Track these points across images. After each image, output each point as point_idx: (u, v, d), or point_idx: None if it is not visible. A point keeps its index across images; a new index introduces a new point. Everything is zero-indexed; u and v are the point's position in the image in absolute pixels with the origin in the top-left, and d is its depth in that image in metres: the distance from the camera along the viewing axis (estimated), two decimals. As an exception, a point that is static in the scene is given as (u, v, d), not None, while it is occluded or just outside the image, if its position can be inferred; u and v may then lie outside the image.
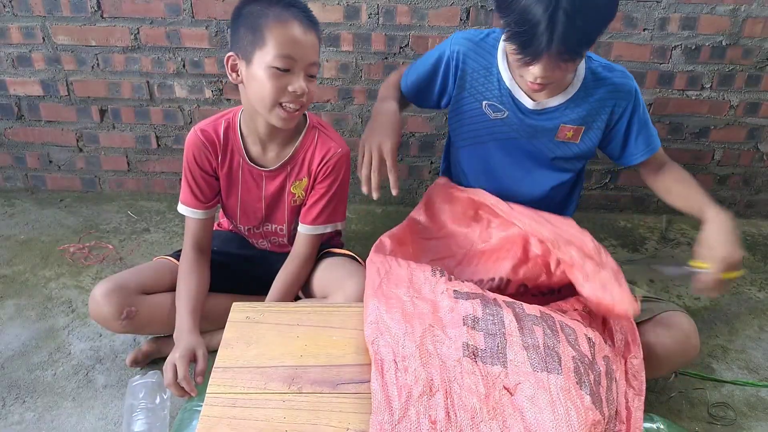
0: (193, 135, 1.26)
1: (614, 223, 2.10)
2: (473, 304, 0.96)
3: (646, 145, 1.28)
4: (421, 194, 2.14)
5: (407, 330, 0.91)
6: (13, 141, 2.08)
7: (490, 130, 1.28)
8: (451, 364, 0.86)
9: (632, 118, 1.25)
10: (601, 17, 1.03)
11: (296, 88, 1.12)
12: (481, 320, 0.93)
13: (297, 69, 1.12)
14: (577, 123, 1.23)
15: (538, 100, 1.21)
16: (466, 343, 0.89)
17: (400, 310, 0.95)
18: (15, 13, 1.86)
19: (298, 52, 1.10)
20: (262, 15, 1.10)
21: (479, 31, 1.28)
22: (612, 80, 1.22)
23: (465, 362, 0.86)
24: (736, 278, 1.09)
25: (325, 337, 1.01)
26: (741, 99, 1.96)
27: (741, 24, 1.83)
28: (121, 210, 2.05)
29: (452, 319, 0.94)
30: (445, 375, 0.85)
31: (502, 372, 0.85)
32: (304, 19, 1.12)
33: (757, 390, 1.33)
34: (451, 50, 1.26)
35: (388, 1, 1.81)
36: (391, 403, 0.82)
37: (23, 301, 1.55)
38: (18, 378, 1.30)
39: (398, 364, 0.87)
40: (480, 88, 1.25)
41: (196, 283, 1.26)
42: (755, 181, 2.12)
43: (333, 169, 1.28)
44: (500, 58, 1.22)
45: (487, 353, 0.88)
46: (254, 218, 1.38)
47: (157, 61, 1.93)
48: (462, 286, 1.03)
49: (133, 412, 1.11)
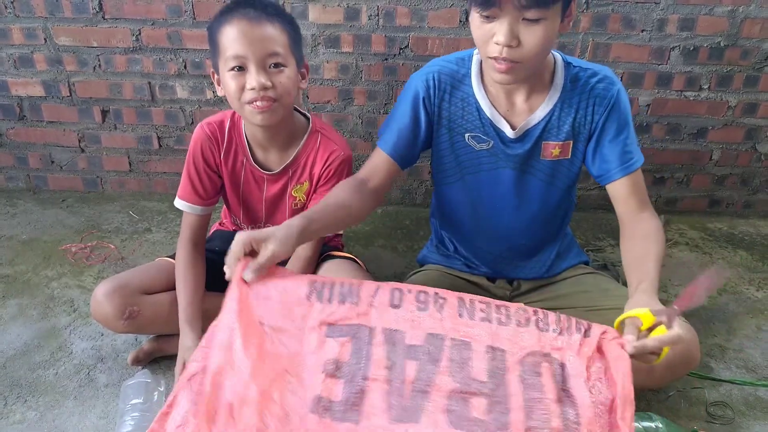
0: (199, 129, 1.29)
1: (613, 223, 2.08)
2: (342, 344, 0.86)
3: (621, 156, 1.13)
4: (420, 194, 2.15)
5: (256, 372, 0.81)
6: (15, 141, 2.09)
7: (477, 161, 1.21)
8: (294, 419, 0.78)
9: (606, 123, 1.14)
10: None
11: (252, 84, 1.12)
12: (345, 365, 0.83)
13: (250, 65, 1.12)
14: (562, 138, 1.16)
15: (505, 83, 1.08)
16: (319, 397, 0.80)
17: (257, 346, 0.84)
18: (17, 14, 1.87)
19: (245, 48, 1.10)
20: (215, 24, 1.15)
21: (446, 59, 1.19)
22: (592, 85, 1.13)
23: (310, 419, 0.78)
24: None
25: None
26: (739, 99, 1.97)
27: (739, 25, 1.84)
28: (122, 210, 2.06)
29: (313, 363, 0.84)
30: (284, 430, 0.77)
31: (351, 428, 0.77)
32: (252, 13, 1.11)
33: (755, 389, 1.33)
34: (423, 86, 1.17)
35: (388, 3, 1.82)
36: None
37: (25, 300, 1.56)
38: (20, 377, 1.30)
39: (234, 409, 0.78)
40: (459, 121, 1.18)
41: (197, 279, 1.28)
42: (753, 181, 2.13)
43: (335, 171, 1.29)
44: (475, 86, 1.16)
45: (339, 407, 0.80)
46: (255, 219, 1.39)
47: (158, 62, 1.93)
48: (341, 314, 0.89)
49: (123, 416, 1.12)
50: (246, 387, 0.79)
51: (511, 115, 1.16)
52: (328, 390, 0.81)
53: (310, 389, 0.81)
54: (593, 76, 1.14)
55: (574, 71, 1.14)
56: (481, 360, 0.84)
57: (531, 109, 1.15)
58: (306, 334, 0.87)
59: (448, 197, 1.30)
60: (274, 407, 0.79)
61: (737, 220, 2.16)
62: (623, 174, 1.14)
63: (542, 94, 1.14)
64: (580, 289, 1.29)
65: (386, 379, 0.82)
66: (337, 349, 0.85)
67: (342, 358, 0.85)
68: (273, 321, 0.88)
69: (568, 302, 1.25)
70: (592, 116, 1.15)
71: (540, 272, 1.33)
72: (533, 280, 1.34)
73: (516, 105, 1.15)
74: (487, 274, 1.35)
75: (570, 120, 1.15)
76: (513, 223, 1.26)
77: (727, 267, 1.83)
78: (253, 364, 0.81)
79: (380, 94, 1.96)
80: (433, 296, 0.92)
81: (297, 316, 0.89)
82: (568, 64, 1.15)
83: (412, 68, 1.91)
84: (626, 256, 1.11)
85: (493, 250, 1.32)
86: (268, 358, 0.83)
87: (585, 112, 1.15)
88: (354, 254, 1.42)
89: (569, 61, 1.15)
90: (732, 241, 2.01)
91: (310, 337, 0.87)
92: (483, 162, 1.21)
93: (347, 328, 0.88)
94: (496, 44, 0.99)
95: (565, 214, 1.34)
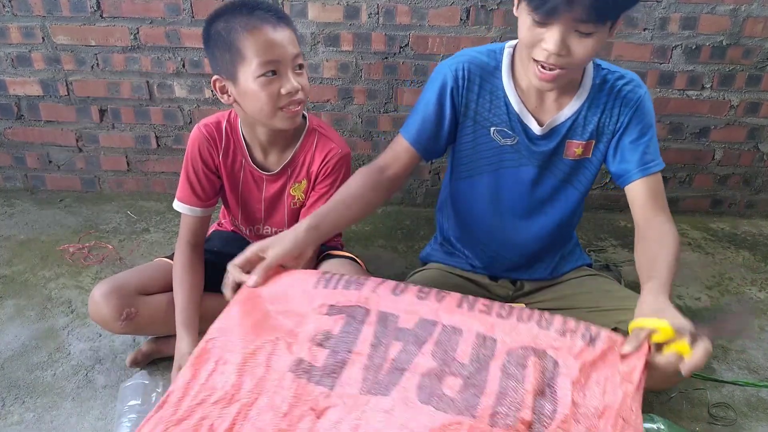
0: (196, 131, 1.27)
1: (614, 223, 2.10)
2: (336, 320, 0.89)
3: (641, 157, 1.13)
4: (421, 194, 2.14)
5: (248, 338, 0.86)
6: (13, 141, 2.08)
7: (499, 158, 1.19)
8: (272, 377, 0.81)
9: (629, 124, 1.14)
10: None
11: (289, 88, 1.11)
12: (333, 338, 0.86)
13: (283, 69, 1.11)
14: (586, 138, 1.16)
15: (545, 89, 1.09)
16: (301, 359, 0.83)
17: (255, 321, 0.89)
18: (14, 12, 1.86)
19: (277, 52, 1.10)
20: (230, 30, 1.10)
21: (477, 50, 1.17)
22: (619, 87, 1.14)
23: (287, 377, 0.81)
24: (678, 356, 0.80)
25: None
26: (741, 99, 1.96)
27: (741, 24, 1.83)
28: (120, 210, 2.05)
29: (306, 335, 0.87)
30: (260, 387, 0.80)
31: (322, 393, 0.79)
32: (272, 18, 1.11)
33: (757, 390, 1.33)
34: (452, 76, 1.15)
35: (388, 1, 1.81)
36: (182, 402, 0.78)
37: (23, 301, 1.55)
38: (17, 378, 1.29)
39: (217, 367, 0.82)
40: (486, 114, 1.16)
41: (195, 282, 1.27)
42: (755, 181, 2.12)
43: (333, 169, 1.28)
44: (506, 80, 1.14)
45: (318, 372, 0.82)
46: (254, 219, 1.38)
47: (156, 61, 1.92)
48: (343, 297, 0.92)
49: (120, 417, 1.12)
50: (230, 351, 0.84)
51: (539, 112, 1.16)
52: (312, 356, 0.84)
53: (296, 354, 0.84)
54: (620, 78, 1.15)
55: (603, 73, 1.15)
56: (468, 345, 0.85)
57: (559, 107, 1.15)
58: (308, 314, 0.90)
59: (465, 192, 1.28)
60: (258, 368, 0.82)
61: (740, 220, 2.15)
62: (642, 175, 1.13)
63: (571, 93, 1.14)
64: (582, 291, 1.28)
65: (368, 355, 0.84)
66: (330, 324, 0.88)
67: (333, 331, 0.87)
68: (279, 306, 0.92)
69: (570, 303, 1.24)
70: (618, 117, 1.15)
71: (544, 274, 1.33)
72: (536, 281, 1.33)
73: (545, 102, 1.15)
74: (491, 274, 1.35)
75: (595, 120, 1.15)
76: (526, 224, 1.25)
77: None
78: (245, 331, 0.86)
79: (380, 93, 1.96)
80: (436, 292, 0.93)
81: (303, 302, 0.92)
82: (597, 65, 1.16)
83: (413, 67, 1.90)
84: (638, 258, 1.06)
85: (501, 250, 1.30)
86: (264, 330, 0.87)
87: (611, 113, 1.15)
88: (354, 254, 1.41)
89: (598, 63, 1.16)
90: (734, 241, 2.00)
91: (310, 316, 0.90)
92: (505, 158, 1.20)
93: (346, 309, 0.91)
94: (545, 50, 0.98)
95: (576, 218, 1.33)
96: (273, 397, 0.78)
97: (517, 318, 0.88)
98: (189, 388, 0.80)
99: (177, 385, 0.81)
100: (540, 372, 0.81)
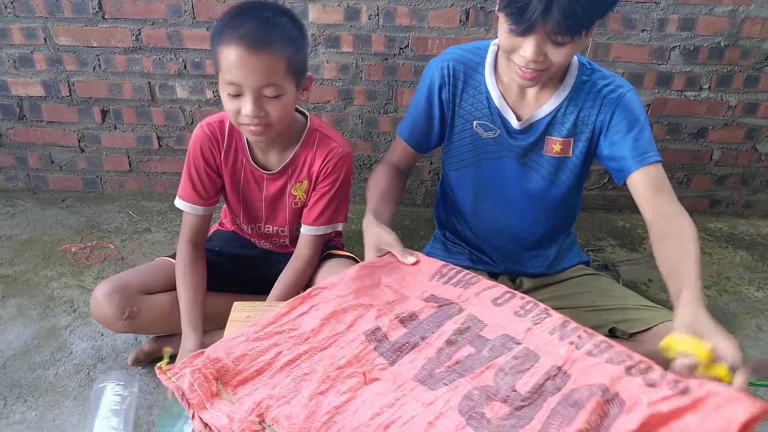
0: (199, 129, 1.28)
1: (613, 223, 2.11)
2: (428, 307, 0.92)
3: (634, 149, 1.11)
4: (420, 194, 2.15)
5: (347, 297, 0.94)
6: (15, 141, 2.09)
7: (483, 149, 1.23)
8: (349, 336, 0.87)
9: (612, 120, 1.14)
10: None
11: (247, 111, 1.09)
12: (416, 321, 0.89)
13: (246, 92, 1.08)
14: (563, 135, 1.17)
15: (526, 87, 1.12)
16: (378, 328, 0.87)
17: (360, 286, 0.97)
18: (17, 14, 1.87)
19: (241, 77, 1.06)
20: (217, 35, 1.09)
21: (463, 47, 1.21)
22: (600, 87, 1.15)
23: (359, 339, 0.86)
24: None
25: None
26: (739, 99, 1.97)
27: (739, 25, 1.84)
28: (122, 210, 2.06)
29: (396, 310, 0.92)
30: (334, 339, 0.86)
31: (380, 365, 0.82)
32: (254, 40, 1.05)
33: (755, 389, 1.33)
34: (439, 74, 1.20)
35: (388, 3, 1.82)
36: (267, 327, 0.86)
37: (25, 300, 1.56)
38: (20, 377, 1.30)
39: (310, 311, 0.90)
40: (470, 108, 1.21)
41: (198, 280, 1.28)
42: (753, 181, 2.13)
43: (334, 168, 1.29)
44: (488, 75, 1.18)
45: (387, 345, 0.85)
46: (255, 218, 1.39)
47: (158, 62, 1.93)
48: (447, 291, 0.96)
49: (93, 419, 1.10)
50: (329, 300, 0.92)
51: (519, 107, 1.18)
52: (390, 329, 0.88)
53: (378, 323, 0.89)
54: (602, 78, 1.16)
55: (587, 72, 1.16)
56: (537, 376, 0.78)
57: (539, 103, 1.17)
58: (410, 298, 0.96)
59: (454, 183, 1.33)
60: (340, 325, 0.88)
61: (738, 220, 2.16)
62: (639, 165, 1.10)
63: (552, 89, 1.16)
64: (581, 290, 1.29)
65: (438, 349, 0.85)
66: (420, 308, 0.92)
67: (419, 315, 0.91)
68: (393, 282, 0.99)
69: (569, 302, 1.25)
70: (596, 116, 1.16)
71: (541, 268, 1.34)
72: (535, 277, 1.34)
73: (526, 98, 1.18)
74: (490, 270, 1.36)
75: (573, 117, 1.16)
76: (515, 215, 1.28)
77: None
78: (348, 291, 0.95)
79: (380, 94, 1.96)
80: (541, 309, 0.89)
81: (413, 287, 0.98)
82: (583, 65, 1.17)
83: (413, 68, 1.91)
84: (661, 261, 0.99)
85: (495, 240, 1.33)
86: (366, 296, 0.95)
87: (588, 112, 1.16)
88: (354, 254, 1.42)
89: (584, 63, 1.17)
90: (732, 241, 2.01)
91: (411, 299, 0.95)
92: (489, 150, 1.24)
93: (442, 301, 0.94)
94: (522, 57, 1.01)
95: (570, 215, 1.35)
96: (339, 350, 0.84)
97: (606, 360, 0.78)
98: (279, 318, 0.88)
99: (271, 313, 0.89)
100: (598, 413, 0.71)
